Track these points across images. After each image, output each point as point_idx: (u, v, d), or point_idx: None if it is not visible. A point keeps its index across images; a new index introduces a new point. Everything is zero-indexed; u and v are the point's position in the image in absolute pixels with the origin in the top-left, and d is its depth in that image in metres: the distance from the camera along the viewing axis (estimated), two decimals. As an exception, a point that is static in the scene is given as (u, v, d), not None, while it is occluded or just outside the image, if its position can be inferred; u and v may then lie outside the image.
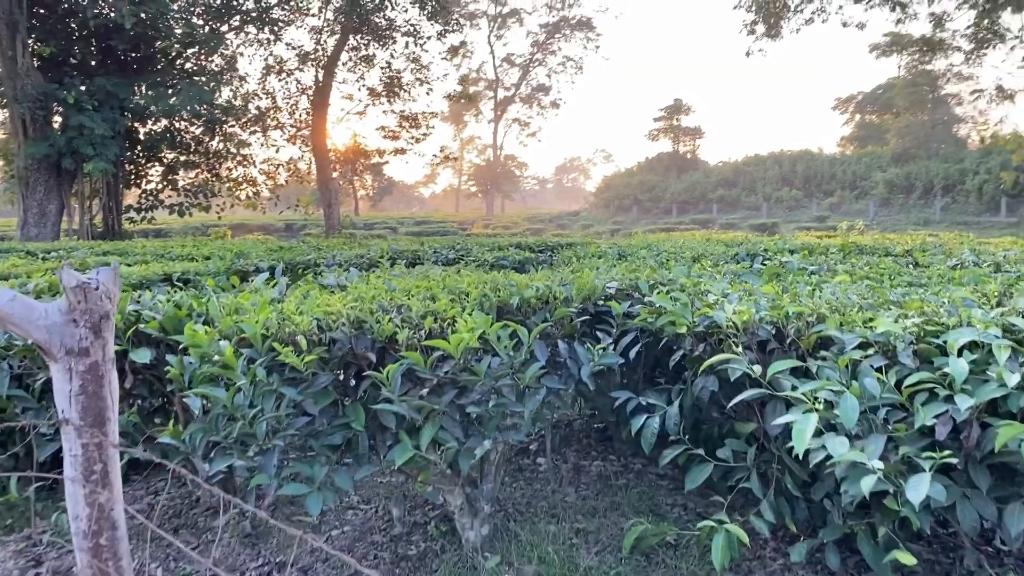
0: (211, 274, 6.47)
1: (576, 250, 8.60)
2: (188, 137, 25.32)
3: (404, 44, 27.30)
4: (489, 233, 46.19)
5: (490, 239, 11.10)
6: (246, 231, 46.79)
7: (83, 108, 20.84)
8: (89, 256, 7.92)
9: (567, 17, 75.67)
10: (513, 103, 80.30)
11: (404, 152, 31.94)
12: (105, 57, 22.91)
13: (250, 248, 8.81)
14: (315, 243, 10.19)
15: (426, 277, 3.85)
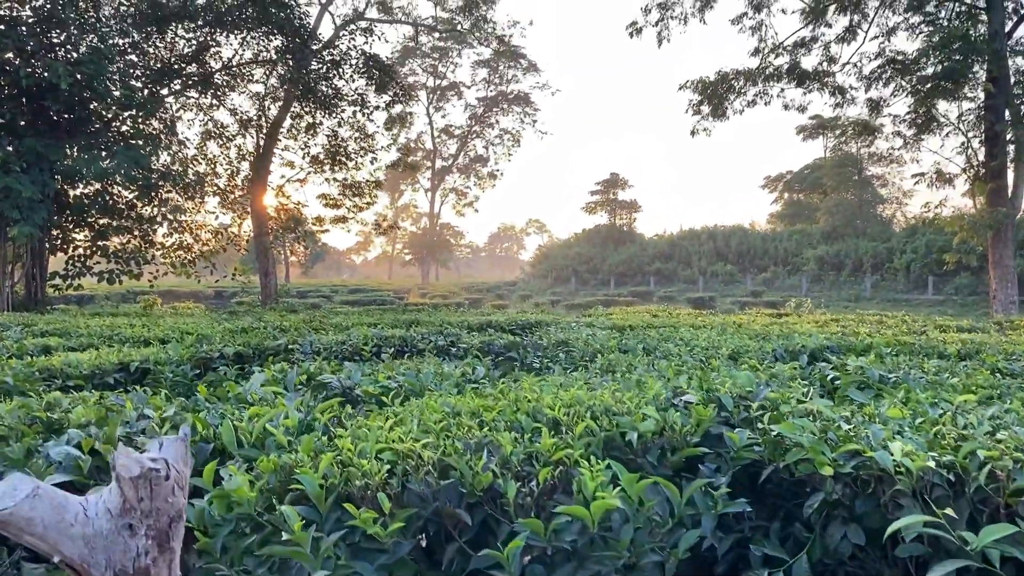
0: (173, 364, 5.73)
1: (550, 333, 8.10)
2: (121, 202, 24.20)
3: (351, 112, 26.93)
4: (428, 303, 45.52)
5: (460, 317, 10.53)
6: (174, 299, 45.03)
7: (10, 170, 19.66)
8: (27, 338, 7.04)
9: (504, 92, 77.02)
10: (451, 173, 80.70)
11: (346, 221, 31.26)
12: (35, 117, 21.80)
13: (207, 329, 8.03)
14: (279, 322, 9.42)
15: (481, 393, 3.27)
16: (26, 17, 22.40)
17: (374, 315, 13.54)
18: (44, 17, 21.95)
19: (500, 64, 73.78)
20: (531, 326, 10.42)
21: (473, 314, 12.46)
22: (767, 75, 25.00)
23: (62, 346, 6.64)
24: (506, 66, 74.11)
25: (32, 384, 4.69)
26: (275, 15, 24.10)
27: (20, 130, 21.35)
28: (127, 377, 5.44)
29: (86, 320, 8.89)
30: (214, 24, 23.90)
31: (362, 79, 26.57)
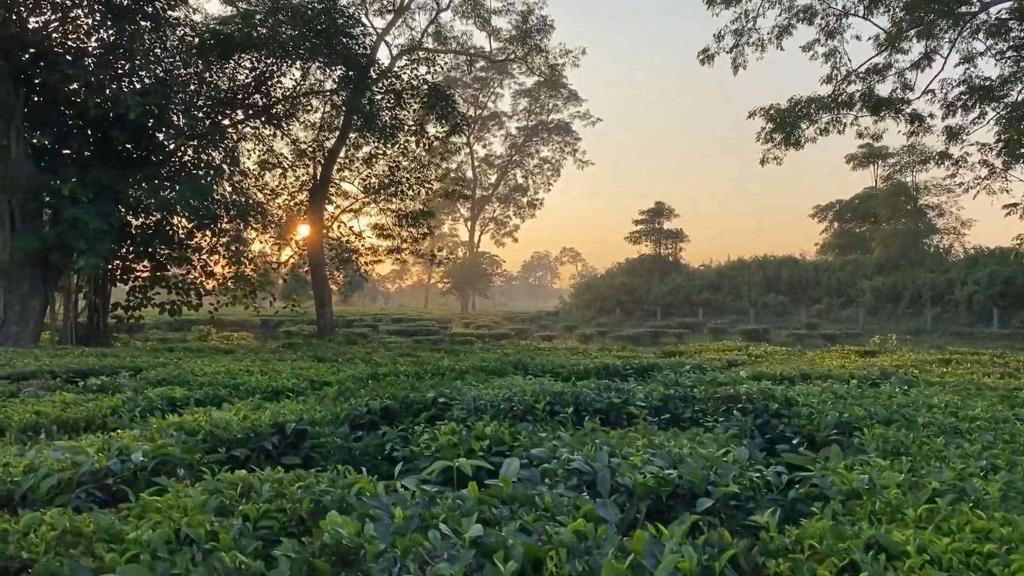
0: (329, 424, 5.16)
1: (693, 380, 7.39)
2: (180, 232, 24.02)
3: (410, 142, 26.63)
4: (474, 334, 44.93)
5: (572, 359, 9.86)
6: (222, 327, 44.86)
7: (77, 200, 19.48)
8: (146, 388, 6.51)
9: (545, 121, 76.96)
10: (490, 203, 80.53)
11: (401, 251, 30.91)
12: (100, 148, 21.72)
13: (329, 375, 7.44)
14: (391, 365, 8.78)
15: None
16: (91, 48, 22.46)
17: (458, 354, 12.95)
18: (109, 48, 21.96)
19: (541, 94, 73.82)
20: (645, 370, 9.78)
21: (572, 354, 11.79)
22: (840, 102, 24.35)
23: (190, 399, 6.10)
24: (547, 95, 74.12)
25: (191, 454, 4.13)
26: (340, 44, 23.94)
27: (85, 161, 21.25)
28: (282, 440, 4.87)
29: (200, 364, 8.35)
30: (278, 54, 23.79)
31: (422, 108, 26.28)
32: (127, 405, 5.57)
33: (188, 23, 24.01)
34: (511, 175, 79.44)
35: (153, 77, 22.17)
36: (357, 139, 28.87)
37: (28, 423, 4.88)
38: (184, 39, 23.75)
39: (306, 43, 23.94)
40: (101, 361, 9.04)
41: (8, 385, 6.52)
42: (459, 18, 34.16)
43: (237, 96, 24.85)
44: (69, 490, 3.34)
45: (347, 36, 24.32)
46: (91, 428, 5.13)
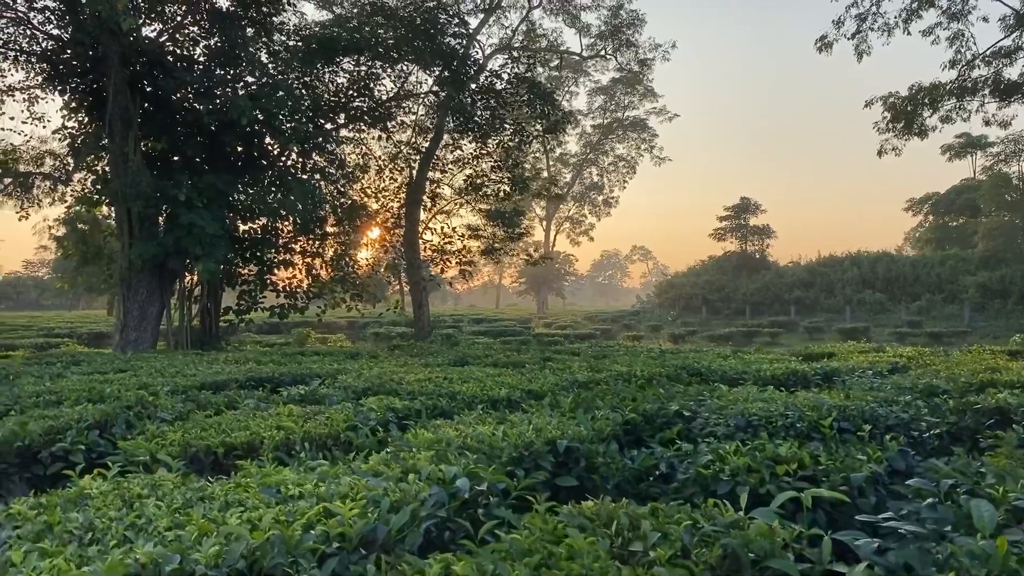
0: (596, 442, 4.71)
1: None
2: (285, 236, 24.17)
3: (506, 141, 26.29)
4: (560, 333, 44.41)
5: (753, 360, 9.25)
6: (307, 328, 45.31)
7: (193, 206, 19.69)
8: (364, 400, 6.19)
9: (620, 119, 75.92)
10: (565, 201, 79.84)
11: (495, 251, 30.61)
12: (211, 154, 21.96)
13: (536, 383, 7.00)
14: (578, 371, 8.29)
15: None
16: (198, 56, 22.74)
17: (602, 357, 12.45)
18: (216, 56, 22.17)
19: (617, 91, 72.82)
20: (829, 376, 9.13)
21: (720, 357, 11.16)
22: (965, 88, 23.01)
23: (410, 410, 5.73)
24: (623, 92, 73.08)
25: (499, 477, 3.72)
26: (440, 45, 23.74)
27: (196, 167, 21.49)
28: (555, 459, 4.44)
29: (401, 372, 7.99)
30: (382, 57, 23.71)
31: (521, 106, 25.91)
32: (358, 418, 5.25)
33: (292, 28, 24.15)
34: (586, 173, 78.66)
35: (259, 83, 22.30)
36: (453, 139, 28.70)
37: (279, 441, 4.57)
38: (288, 44, 23.87)
39: (407, 45, 23.79)
40: (279, 368, 8.83)
41: (212, 396, 6.29)
42: (548, 16, 33.71)
43: (340, 99, 24.88)
44: (416, 526, 2.95)
45: (448, 35, 24.13)
46: (337, 445, 4.80)
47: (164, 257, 19.86)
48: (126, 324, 20.19)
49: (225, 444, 4.49)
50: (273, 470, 3.76)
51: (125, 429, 5.05)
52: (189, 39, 22.65)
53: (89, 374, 8.63)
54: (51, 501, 3.27)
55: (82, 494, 3.36)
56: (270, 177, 22.90)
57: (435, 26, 23.75)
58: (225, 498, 3.13)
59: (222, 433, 4.70)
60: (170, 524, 2.85)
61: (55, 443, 4.76)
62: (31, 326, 44.95)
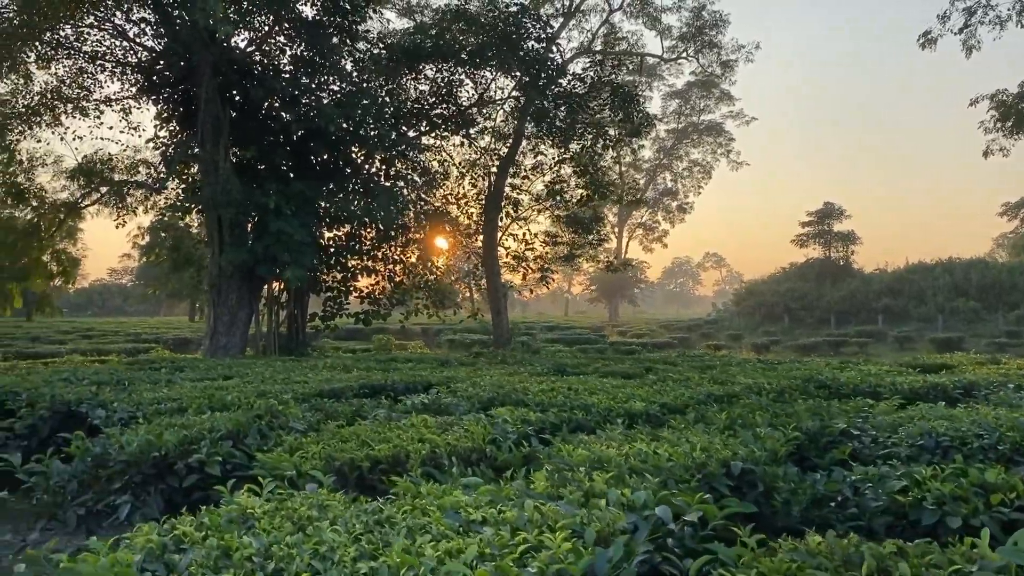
0: (767, 461, 4.27)
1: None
2: (368, 243, 24.23)
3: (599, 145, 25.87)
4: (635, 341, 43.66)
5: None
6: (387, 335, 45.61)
7: (282, 213, 19.85)
8: (492, 411, 5.87)
9: (695, 123, 74.69)
10: (638, 208, 78.85)
11: (574, 258, 30.22)
12: (297, 162, 22.16)
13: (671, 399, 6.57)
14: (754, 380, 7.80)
15: None
16: (283, 65, 22.99)
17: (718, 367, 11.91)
18: (301, 64, 22.36)
19: (692, 95, 71.68)
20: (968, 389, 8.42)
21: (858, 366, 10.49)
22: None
23: (545, 423, 5.39)
24: (699, 96, 71.90)
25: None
26: (522, 49, 23.50)
27: (283, 175, 21.69)
28: (730, 480, 4.03)
29: (514, 381, 7.66)
30: (464, 63, 23.60)
31: (603, 110, 25.48)
32: (495, 431, 4.92)
33: (375, 36, 24.26)
34: (660, 179, 77.57)
35: (344, 90, 22.42)
36: (532, 144, 28.43)
37: (425, 455, 4.27)
38: (371, 52, 23.97)
39: (489, 50, 23.62)
40: (391, 375, 8.62)
41: (335, 404, 6.07)
42: (628, 18, 33.19)
43: (422, 106, 24.88)
44: (628, 562, 2.59)
45: (530, 39, 23.89)
46: (482, 460, 4.48)
47: (253, 264, 20.06)
48: (216, 330, 20.47)
49: (370, 458, 4.22)
50: (438, 489, 3.46)
51: (259, 440, 4.84)
52: (276, 48, 22.94)
53: (198, 380, 8.56)
54: (213, 521, 3.01)
55: (244, 513, 3.10)
56: (354, 184, 23.00)
57: (518, 30, 23.53)
58: (406, 523, 2.83)
59: (363, 446, 4.44)
60: (357, 554, 2.55)
61: (190, 454, 4.57)
62: (118, 331, 46.44)
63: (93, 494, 4.68)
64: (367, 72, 23.79)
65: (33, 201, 21.90)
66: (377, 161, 24.22)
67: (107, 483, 4.62)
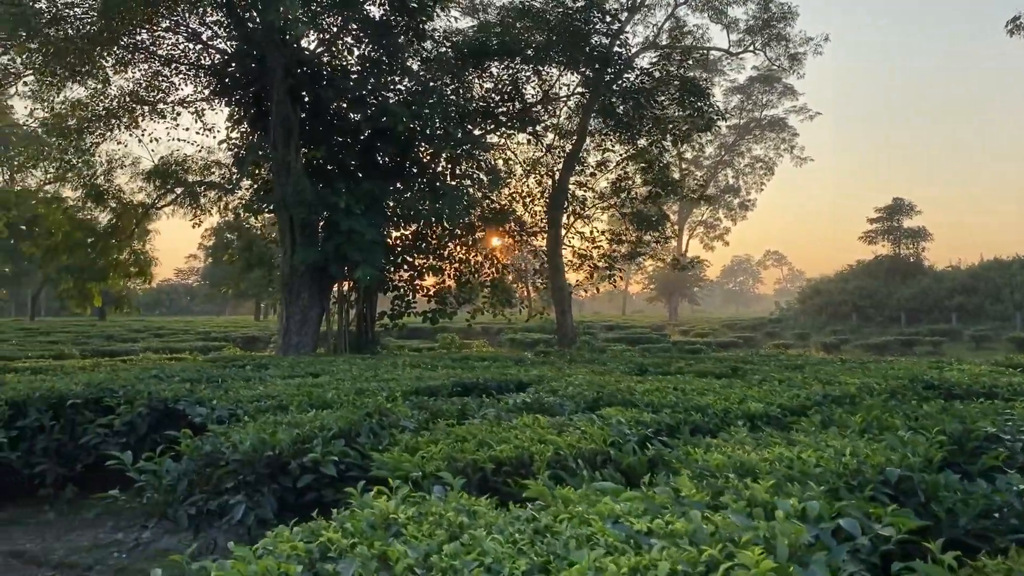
0: (920, 469, 3.95)
1: None
2: (434, 241, 24.23)
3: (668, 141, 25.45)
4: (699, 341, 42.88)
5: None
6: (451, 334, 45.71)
7: (352, 213, 19.91)
8: (601, 411, 5.63)
9: (757, 118, 73.29)
10: (698, 206, 77.72)
11: (637, 256, 29.78)
12: (365, 161, 22.26)
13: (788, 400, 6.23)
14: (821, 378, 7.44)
15: None
16: (351, 65, 23.11)
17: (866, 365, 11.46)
18: (369, 64, 22.43)
19: (754, 89, 70.37)
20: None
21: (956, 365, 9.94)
22: None
23: (660, 424, 5.13)
24: (761, 91, 70.56)
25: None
26: (588, 45, 23.22)
27: (352, 174, 21.79)
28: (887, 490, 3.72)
29: (607, 379, 7.41)
30: (532, 60, 23.41)
31: (672, 105, 25.04)
32: (613, 430, 4.69)
33: (441, 35, 24.23)
34: (721, 176, 76.31)
35: (411, 90, 22.44)
36: (597, 141, 28.13)
37: (550, 457, 4.07)
38: (438, 51, 23.95)
39: (555, 47, 23.39)
40: (482, 373, 8.45)
41: (436, 402, 5.91)
42: (693, 12, 32.58)
43: (487, 105, 24.77)
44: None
45: (596, 35, 23.59)
46: (607, 463, 4.26)
47: (324, 263, 20.18)
48: (288, 328, 20.66)
49: (493, 459, 4.03)
50: (573, 494, 3.24)
51: (372, 439, 4.69)
52: (344, 49, 23.07)
53: (288, 378, 8.53)
54: (356, 526, 2.84)
55: (386, 519, 2.92)
56: (420, 184, 23.01)
57: (585, 25, 23.25)
58: (568, 533, 2.61)
59: (482, 446, 4.25)
60: (527, 567, 2.35)
61: (304, 453, 4.44)
62: (188, 330, 47.50)
63: (204, 494, 4.60)
64: (433, 71, 23.78)
65: (111, 202, 22.44)
66: (443, 160, 24.21)
67: (219, 482, 4.53)
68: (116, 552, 5.72)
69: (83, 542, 6.03)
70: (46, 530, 6.41)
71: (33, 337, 40.27)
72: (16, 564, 5.65)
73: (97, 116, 21.03)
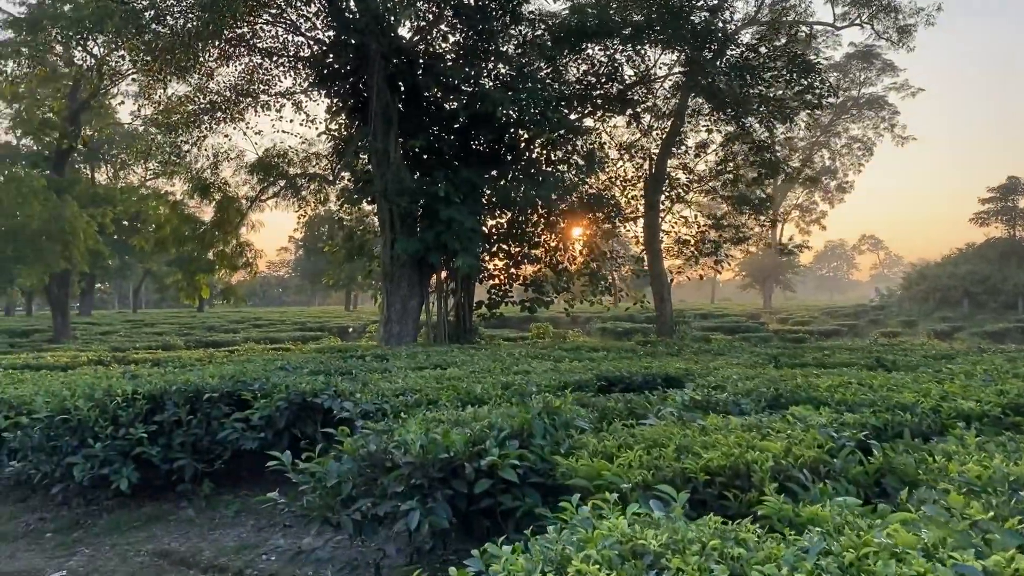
0: None
1: None
2: (528, 229, 23.81)
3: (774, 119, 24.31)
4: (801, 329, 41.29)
5: None
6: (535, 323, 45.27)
7: (451, 201, 19.66)
8: (794, 411, 5.07)
9: (855, 96, 70.15)
10: (792, 189, 75.05)
11: (744, 240, 28.69)
12: (462, 149, 21.97)
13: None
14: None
15: None
16: (446, 52, 22.83)
17: None
18: (464, 50, 22.10)
19: (852, 66, 67.32)
20: None
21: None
22: None
23: (865, 426, 4.53)
24: (859, 68, 67.48)
25: None
26: (690, 22, 22.29)
27: (449, 163, 21.53)
28: None
29: (765, 374, 6.82)
30: (630, 39, 22.65)
31: (778, 82, 23.85)
32: (821, 433, 4.11)
33: (536, 17, 23.68)
34: (816, 158, 73.36)
35: (507, 75, 22.02)
36: (697, 122, 27.15)
37: (769, 466, 3.54)
38: (534, 34, 23.42)
39: (653, 25, 22.54)
40: (628, 367, 7.96)
41: (592, 397, 5.46)
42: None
43: (583, 88, 24.13)
44: None
45: (696, 11, 22.63)
46: (830, 473, 3.69)
47: (424, 253, 20.00)
48: (389, 318, 20.60)
49: (705, 469, 3.53)
50: (835, 514, 2.72)
51: (547, 441, 4.25)
52: (439, 36, 22.82)
53: (417, 369, 8.22)
54: (605, 555, 2.39)
55: (632, 544, 2.46)
56: (515, 170, 22.60)
57: (685, 1, 22.32)
58: (889, 572, 2.09)
59: (683, 452, 3.75)
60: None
61: (480, 456, 4.03)
62: (284, 320, 48.53)
63: (370, 497, 4.25)
64: (528, 55, 23.28)
65: (217, 195, 22.81)
66: (538, 145, 23.74)
67: (387, 486, 4.17)
68: (265, 555, 5.47)
69: (228, 543, 5.81)
70: (188, 528, 6.24)
71: (139, 329, 41.81)
72: (164, 565, 5.46)
73: (203, 110, 21.34)
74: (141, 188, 45.34)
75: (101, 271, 54.19)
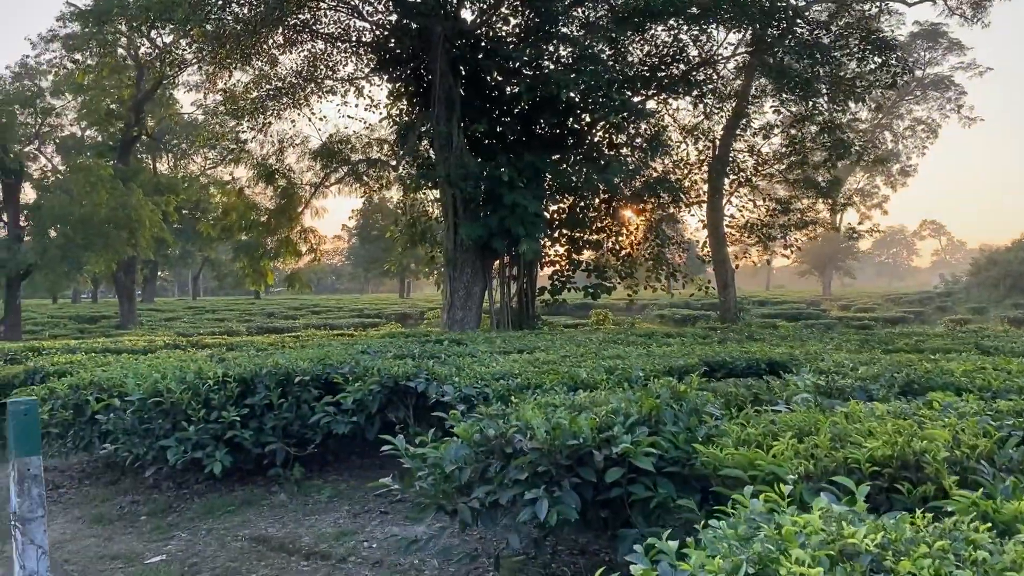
0: None
1: None
2: (594, 213, 23.43)
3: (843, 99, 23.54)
4: (865, 316, 40.21)
5: None
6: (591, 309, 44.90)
7: (515, 186, 19.41)
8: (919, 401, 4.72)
9: (919, 77, 67.82)
10: (853, 173, 73.05)
11: (809, 226, 27.92)
12: (524, 133, 21.68)
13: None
14: None
15: None
16: (507, 34, 22.53)
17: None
18: (528, 32, 21.76)
19: (916, 46, 65.13)
20: None
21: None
22: None
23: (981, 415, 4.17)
24: (923, 48, 65.30)
25: None
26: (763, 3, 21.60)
27: (512, 147, 21.26)
28: None
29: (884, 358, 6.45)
30: (695, 19, 22.06)
31: (850, 60, 23.05)
32: (980, 422, 3.76)
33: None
34: (879, 140, 71.27)
35: (569, 57, 21.64)
36: (762, 104, 26.45)
37: (943, 458, 3.22)
38: (596, 15, 22.98)
39: (723, 3, 21.92)
40: (706, 352, 7.64)
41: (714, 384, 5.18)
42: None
43: (646, 69, 23.60)
44: None
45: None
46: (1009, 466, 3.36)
47: (488, 238, 19.81)
48: (452, 303, 20.50)
49: (871, 459, 3.23)
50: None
51: (679, 428, 3.98)
52: (499, 19, 22.52)
53: (503, 353, 8.03)
54: (815, 556, 2.11)
55: (842, 543, 2.18)
56: (577, 154, 22.24)
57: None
58: None
59: (838, 441, 3.46)
60: None
61: (609, 443, 3.79)
62: (340, 307, 48.99)
63: (488, 485, 4.04)
64: (591, 37, 22.85)
65: (282, 181, 22.95)
66: (601, 129, 23.32)
67: (508, 473, 3.95)
68: (366, 542, 5.32)
69: (326, 528, 5.68)
70: (283, 513, 6.13)
71: (200, 315, 42.64)
72: (263, 551, 5.35)
73: (268, 96, 21.44)
74: (201, 176, 46.08)
75: (163, 259, 55.35)
